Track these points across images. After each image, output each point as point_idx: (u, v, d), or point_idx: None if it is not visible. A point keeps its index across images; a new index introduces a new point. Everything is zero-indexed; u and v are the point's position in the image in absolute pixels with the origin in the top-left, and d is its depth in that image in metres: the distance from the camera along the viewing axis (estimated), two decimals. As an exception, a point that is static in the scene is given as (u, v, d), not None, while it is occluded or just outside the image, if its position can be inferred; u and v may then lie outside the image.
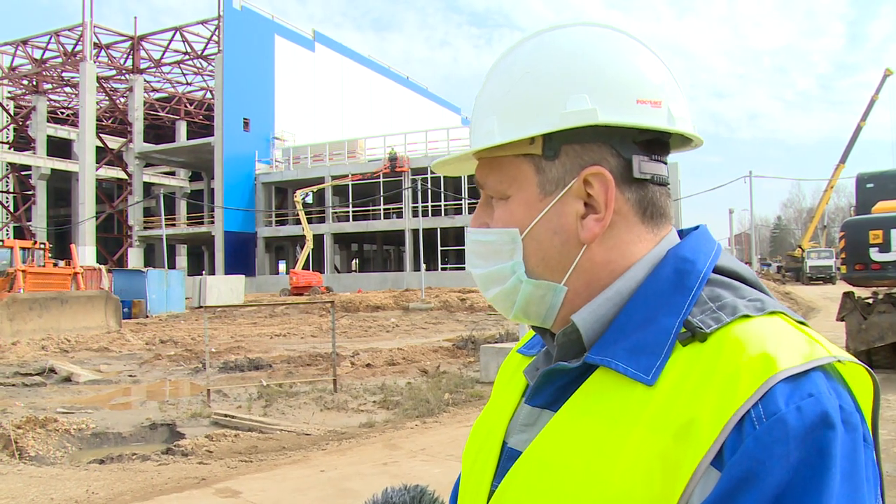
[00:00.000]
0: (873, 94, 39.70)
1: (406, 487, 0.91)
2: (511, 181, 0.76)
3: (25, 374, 11.70)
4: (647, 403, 0.64)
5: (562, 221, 0.74)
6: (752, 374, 0.60)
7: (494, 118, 0.75)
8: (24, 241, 24.76)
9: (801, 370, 0.60)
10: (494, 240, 0.77)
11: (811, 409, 0.57)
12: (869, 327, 10.03)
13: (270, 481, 5.66)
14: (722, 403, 0.60)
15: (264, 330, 19.84)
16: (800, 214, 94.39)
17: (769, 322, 0.66)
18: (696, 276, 0.71)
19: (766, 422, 0.57)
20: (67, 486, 5.50)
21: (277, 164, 45.94)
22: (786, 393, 0.58)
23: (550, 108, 0.72)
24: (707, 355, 0.64)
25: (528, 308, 0.78)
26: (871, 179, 11.82)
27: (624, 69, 0.73)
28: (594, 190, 0.73)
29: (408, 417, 8.17)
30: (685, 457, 0.60)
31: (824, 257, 43.97)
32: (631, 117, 0.72)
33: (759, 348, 0.62)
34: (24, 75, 47.37)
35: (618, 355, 0.68)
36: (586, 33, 0.75)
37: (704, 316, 0.67)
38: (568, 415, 0.70)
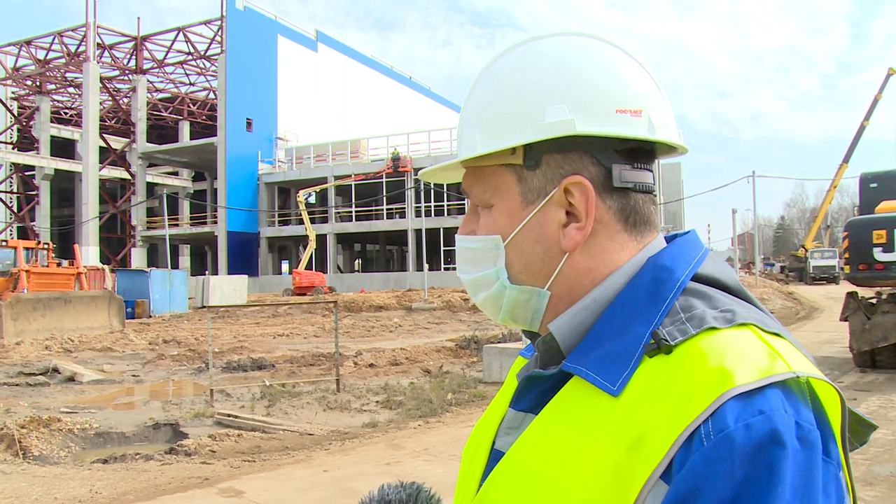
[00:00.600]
0: (877, 94, 39.61)
1: (402, 484, 0.92)
2: (494, 190, 0.78)
3: (29, 374, 11.73)
4: (609, 414, 0.64)
5: (543, 230, 0.75)
6: (706, 390, 0.60)
7: (477, 129, 0.77)
8: (28, 241, 24.81)
9: (755, 386, 0.59)
10: (479, 247, 0.79)
11: (760, 427, 0.57)
12: (872, 327, 10.02)
13: (273, 481, 5.67)
14: (674, 418, 0.60)
15: (267, 330, 19.86)
16: (803, 214, 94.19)
17: (735, 335, 0.65)
18: (672, 284, 0.71)
19: (713, 438, 0.57)
20: (71, 486, 5.52)
21: (280, 164, 45.97)
22: (736, 410, 0.58)
23: (530, 119, 0.73)
24: (669, 368, 0.64)
25: (514, 312, 0.79)
26: (874, 179, 11.79)
27: (603, 79, 0.74)
28: (575, 199, 0.74)
29: (411, 417, 8.17)
30: (636, 470, 0.60)
31: (828, 257, 43.88)
32: (609, 127, 0.72)
33: (717, 362, 0.61)
34: (27, 76, 47.46)
35: (590, 364, 0.69)
36: (567, 43, 0.76)
37: (673, 327, 0.67)
38: (544, 420, 0.71)
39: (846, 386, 9.34)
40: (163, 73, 49.04)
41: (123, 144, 47.54)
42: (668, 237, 0.80)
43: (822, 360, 11.71)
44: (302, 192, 40.07)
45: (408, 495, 0.89)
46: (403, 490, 0.90)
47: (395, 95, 59.82)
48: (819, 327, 17.75)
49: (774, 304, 25.13)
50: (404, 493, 0.89)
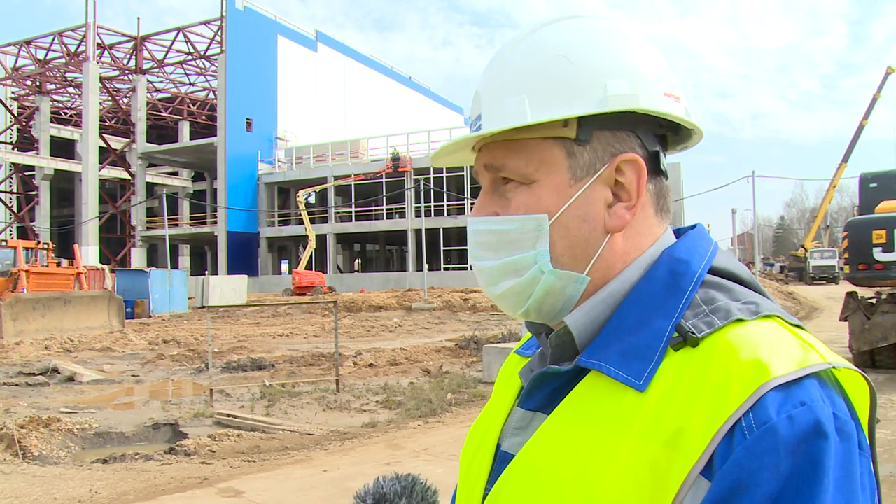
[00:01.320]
0: (875, 93, 39.64)
1: (398, 476, 0.90)
2: (539, 164, 0.73)
3: (29, 374, 11.72)
4: (637, 410, 0.63)
5: (591, 208, 0.72)
6: (744, 382, 0.59)
7: (524, 97, 0.72)
8: (28, 241, 24.81)
9: (793, 377, 0.58)
10: (514, 228, 0.74)
11: (803, 419, 0.56)
12: (872, 327, 10.02)
13: (273, 481, 5.67)
14: (712, 412, 0.58)
15: (267, 330, 19.86)
16: (803, 214, 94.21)
17: (763, 326, 0.64)
18: (691, 277, 0.70)
19: (756, 431, 0.56)
20: (70, 486, 5.52)
21: (280, 165, 45.97)
22: (777, 401, 0.57)
23: (588, 91, 0.71)
24: (698, 361, 0.62)
25: (544, 301, 0.74)
26: (874, 179, 11.79)
27: (651, 62, 0.74)
28: (625, 177, 0.72)
29: (410, 417, 8.17)
30: (675, 466, 0.59)
31: (827, 257, 43.93)
32: (665, 107, 0.72)
33: (751, 354, 0.60)
34: (27, 76, 47.46)
35: (610, 359, 0.67)
36: (610, 25, 0.76)
37: (697, 320, 0.66)
38: (559, 419, 0.69)
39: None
40: (162, 73, 49.05)
41: (123, 144, 47.54)
42: (675, 230, 0.79)
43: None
44: (302, 192, 40.07)
45: (402, 487, 0.88)
46: (398, 482, 0.89)
47: (395, 95, 59.82)
48: (819, 327, 17.74)
49: (774, 304, 25.09)
50: (399, 486, 0.88)
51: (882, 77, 39.44)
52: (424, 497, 0.89)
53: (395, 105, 59.03)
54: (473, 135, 0.76)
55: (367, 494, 0.88)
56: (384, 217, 43.32)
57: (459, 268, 41.32)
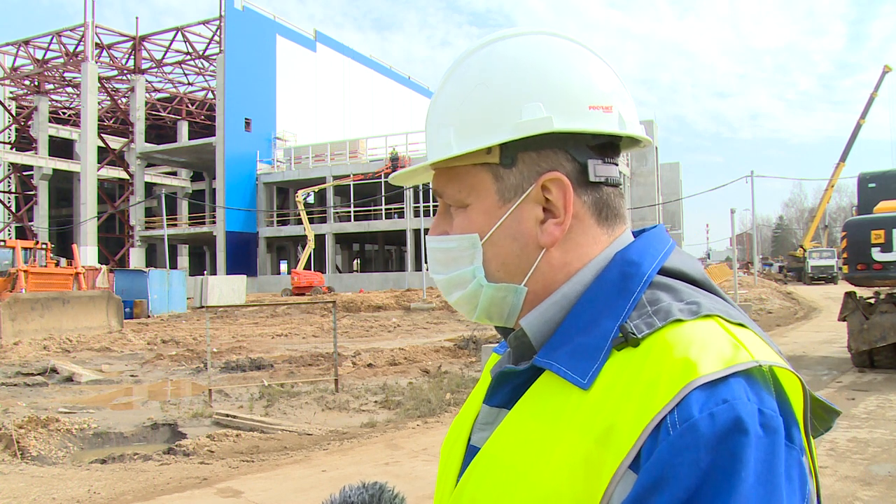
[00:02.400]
0: (872, 92, 39.69)
1: (364, 485, 0.91)
2: (469, 190, 0.78)
3: (27, 374, 11.72)
4: (579, 407, 0.66)
5: (521, 227, 0.76)
6: (671, 381, 0.61)
7: (451, 129, 0.76)
8: (26, 241, 24.79)
9: (719, 376, 0.60)
10: (454, 246, 0.79)
11: (724, 416, 0.58)
12: (871, 327, 10.03)
13: (272, 481, 5.67)
14: (641, 409, 0.61)
15: (266, 330, 19.85)
16: (801, 214, 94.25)
17: (700, 326, 0.66)
18: (640, 278, 0.73)
19: (679, 428, 0.59)
20: (69, 486, 5.51)
21: (279, 164, 45.95)
22: (701, 399, 0.59)
23: (506, 118, 0.74)
24: (636, 360, 0.65)
25: (490, 310, 0.80)
26: (872, 179, 11.81)
27: (575, 76, 0.75)
28: (552, 195, 0.75)
29: (409, 417, 8.17)
30: (606, 461, 0.61)
31: (826, 257, 43.98)
32: (585, 123, 0.74)
33: (682, 354, 0.63)
34: (25, 75, 47.41)
35: (560, 359, 0.70)
36: (536, 42, 0.77)
37: (640, 321, 0.68)
38: (516, 415, 0.72)
39: (845, 386, 9.35)
40: (161, 73, 49.00)
41: (122, 144, 47.50)
42: (635, 232, 0.82)
43: (820, 360, 11.72)
44: (300, 192, 40.05)
45: (370, 496, 0.89)
46: (366, 491, 0.90)
47: (394, 95, 59.81)
48: (817, 327, 17.76)
49: (773, 303, 25.15)
50: (367, 494, 0.89)
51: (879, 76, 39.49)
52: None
53: (394, 105, 59.02)
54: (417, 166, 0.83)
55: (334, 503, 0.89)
56: (383, 217, 43.31)
57: (458, 268, 41.26)
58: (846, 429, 6.95)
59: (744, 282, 34.92)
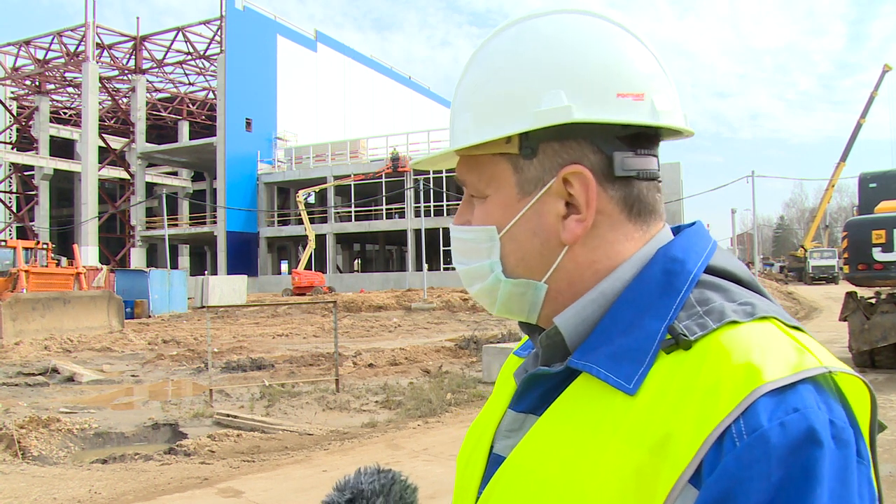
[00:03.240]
0: (872, 91, 39.68)
1: (379, 471, 0.88)
2: (489, 180, 0.74)
3: (28, 374, 11.72)
4: (626, 413, 0.61)
5: (542, 222, 0.71)
6: (735, 387, 0.56)
7: (469, 115, 0.73)
8: (27, 241, 24.80)
9: (787, 382, 0.56)
10: (473, 238, 0.76)
11: (796, 425, 0.54)
12: (872, 327, 10.02)
13: (273, 481, 5.67)
14: (701, 417, 0.56)
15: (266, 330, 19.85)
16: (802, 214, 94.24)
17: (758, 328, 0.62)
18: (686, 276, 0.67)
19: (746, 438, 0.54)
20: (70, 486, 5.52)
21: (280, 165, 45.97)
22: (769, 407, 0.55)
23: (525, 106, 0.69)
24: (689, 364, 0.60)
25: (509, 305, 0.76)
26: (873, 179, 11.81)
27: (604, 60, 0.69)
28: (574, 189, 0.70)
29: (410, 417, 8.17)
30: (662, 473, 0.57)
31: (827, 257, 43.99)
32: (609, 114, 0.68)
33: (744, 358, 0.58)
34: (26, 76, 47.44)
35: (600, 361, 0.65)
36: (564, 22, 0.71)
37: (690, 321, 0.63)
38: (549, 421, 0.67)
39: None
40: (162, 73, 49.04)
41: (123, 144, 47.53)
42: (673, 228, 0.76)
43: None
44: (301, 192, 40.06)
45: (381, 486, 0.86)
46: (378, 480, 0.86)
47: (395, 95, 59.82)
48: (818, 327, 17.75)
49: (774, 304, 25.10)
50: (378, 484, 0.86)
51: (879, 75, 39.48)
52: (403, 497, 0.86)
53: (394, 105, 59.03)
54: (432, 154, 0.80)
55: (346, 487, 0.86)
56: (384, 217, 43.32)
57: (459, 268, 41.29)
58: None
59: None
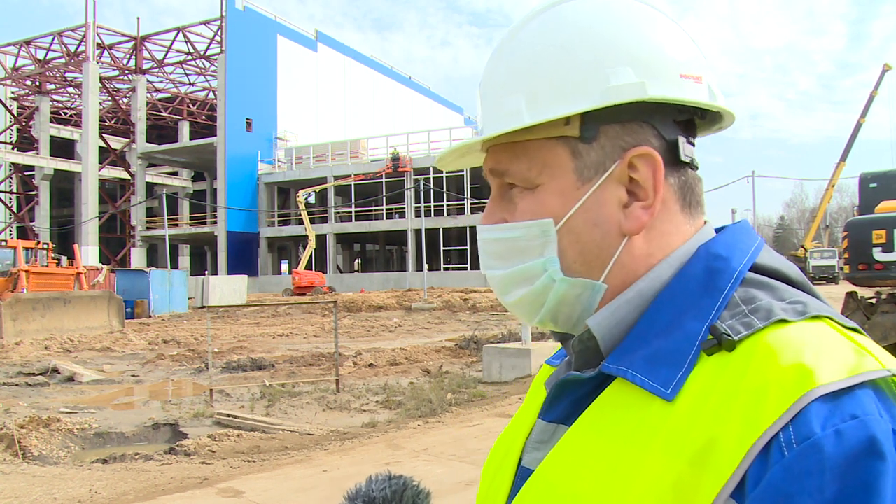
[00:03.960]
0: (872, 90, 39.63)
1: (390, 477, 0.86)
2: (542, 167, 0.68)
3: (29, 374, 11.72)
4: (664, 421, 0.56)
5: (602, 211, 0.66)
6: (784, 390, 0.51)
7: (521, 96, 0.67)
8: (28, 241, 24.81)
9: (844, 386, 0.51)
10: (521, 235, 0.69)
11: (854, 434, 0.48)
12: (872, 327, 10.01)
13: (273, 481, 5.67)
14: (746, 424, 0.51)
15: (267, 330, 19.85)
16: (803, 214, 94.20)
17: (811, 328, 0.57)
18: (730, 274, 0.63)
19: (796, 448, 0.49)
20: (70, 486, 5.51)
21: (280, 165, 45.98)
22: (823, 413, 0.49)
23: (589, 84, 0.64)
24: (733, 367, 0.55)
25: (558, 310, 0.69)
26: (874, 179, 11.80)
27: (662, 41, 0.67)
28: (640, 174, 0.66)
29: (410, 417, 8.17)
30: (702, 486, 0.52)
31: (827, 257, 43.97)
32: (679, 92, 0.65)
33: (795, 359, 0.53)
34: (27, 76, 47.46)
35: (636, 365, 0.61)
36: (615, 3, 0.68)
37: (734, 321, 0.58)
38: (580, 432, 0.62)
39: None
40: (162, 73, 49.06)
41: (123, 144, 47.55)
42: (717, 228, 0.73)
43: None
44: (301, 192, 40.07)
45: (393, 492, 0.84)
46: (389, 487, 0.84)
47: (395, 95, 59.83)
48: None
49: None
50: (389, 491, 0.84)
51: (879, 74, 39.44)
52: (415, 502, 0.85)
53: (395, 105, 59.04)
54: (470, 141, 0.72)
55: (358, 496, 0.85)
56: (384, 217, 43.34)
57: (459, 268, 41.35)
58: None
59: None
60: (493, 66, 0.72)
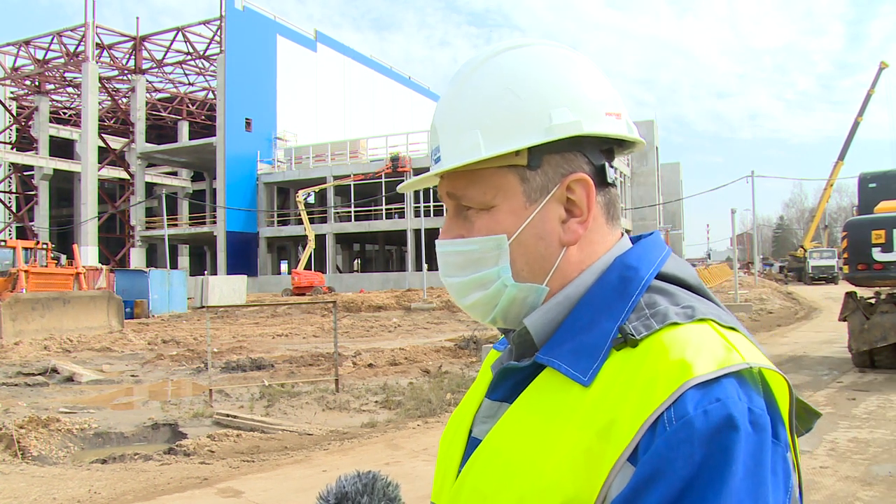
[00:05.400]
0: (869, 89, 39.69)
1: (359, 474, 0.94)
2: (496, 191, 0.80)
3: (28, 374, 11.72)
4: (580, 402, 0.70)
5: (546, 226, 0.79)
6: (668, 380, 0.65)
7: (478, 132, 0.78)
8: (27, 241, 24.79)
9: (713, 376, 0.65)
10: (478, 248, 0.81)
11: (717, 413, 0.62)
12: (871, 327, 10.02)
13: (272, 481, 5.67)
14: (640, 406, 0.65)
15: (266, 330, 19.86)
16: (802, 214, 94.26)
17: (695, 329, 0.70)
18: (638, 282, 0.77)
19: (675, 424, 0.63)
20: (70, 486, 5.51)
21: (279, 165, 45.97)
22: (696, 398, 0.64)
23: (536, 122, 0.77)
24: (635, 360, 0.69)
25: (508, 310, 0.82)
26: (873, 179, 11.81)
27: (592, 85, 0.81)
28: (576, 195, 0.79)
29: (410, 417, 8.17)
30: (606, 453, 0.65)
31: (826, 257, 43.99)
32: (605, 128, 0.79)
33: (678, 355, 0.67)
34: (26, 76, 47.43)
35: (562, 356, 0.74)
36: (551, 52, 0.81)
37: (638, 322, 0.72)
38: (518, 409, 0.76)
39: (845, 386, 9.35)
40: (162, 73, 49.03)
41: (122, 144, 47.52)
42: (633, 238, 0.86)
43: (820, 360, 11.71)
44: (301, 192, 40.07)
45: (364, 485, 0.91)
46: (360, 480, 0.92)
47: (395, 95, 59.82)
48: (818, 327, 17.76)
49: (773, 304, 25.14)
50: (360, 484, 0.92)
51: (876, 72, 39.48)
52: (386, 493, 0.93)
53: (394, 105, 59.03)
54: (435, 172, 0.84)
55: (330, 494, 0.92)
56: (383, 217, 43.34)
57: (459, 268, 41.28)
58: (847, 429, 6.94)
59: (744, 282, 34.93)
60: (449, 105, 0.83)
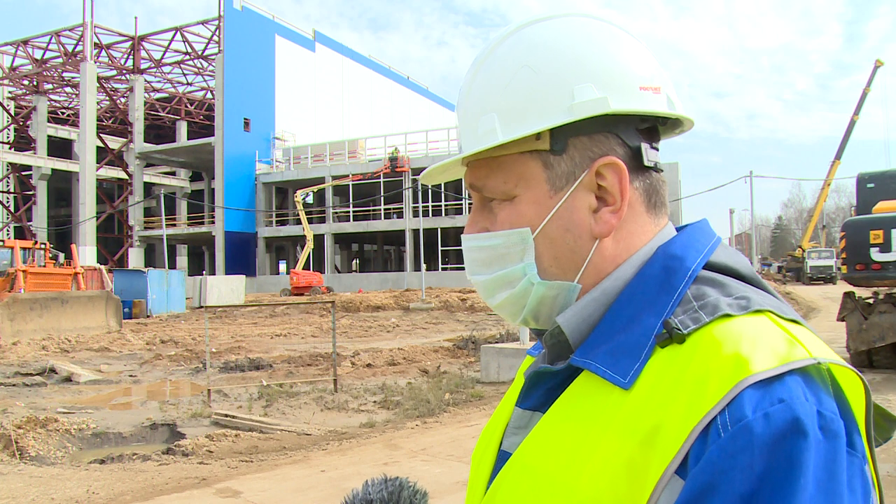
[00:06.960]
0: (865, 87, 39.70)
1: (386, 480, 0.89)
2: (517, 180, 0.73)
3: (26, 374, 11.71)
4: (620, 408, 0.62)
5: (574, 217, 0.72)
6: (721, 378, 0.57)
7: (494, 115, 0.72)
8: (25, 241, 24.75)
9: (775, 374, 0.57)
10: (501, 243, 0.74)
11: (780, 416, 0.54)
12: (870, 327, 10.03)
13: (271, 481, 5.67)
14: (689, 409, 0.57)
15: (265, 330, 19.84)
16: (800, 214, 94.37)
17: (751, 321, 0.62)
18: (684, 273, 0.69)
19: (730, 429, 0.55)
20: (68, 486, 5.51)
21: (278, 164, 45.94)
22: (755, 399, 0.56)
23: (556, 101, 0.70)
24: (682, 358, 0.61)
25: (538, 310, 0.75)
26: (871, 179, 11.82)
27: (622, 57, 0.72)
28: (607, 181, 0.71)
29: (408, 417, 8.17)
30: (651, 464, 0.58)
31: (825, 257, 44.02)
32: (639, 104, 0.71)
33: (733, 350, 0.59)
34: (24, 75, 47.37)
35: (599, 358, 0.67)
36: (576, 24, 0.73)
37: (685, 316, 0.64)
38: (552, 418, 0.69)
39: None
40: (160, 73, 48.98)
41: (121, 144, 47.47)
42: (678, 227, 0.78)
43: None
44: (299, 192, 40.06)
45: (389, 493, 0.87)
46: (385, 488, 0.88)
47: (393, 95, 59.81)
48: (816, 327, 17.42)
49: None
50: (386, 492, 0.87)
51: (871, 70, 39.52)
52: (412, 502, 0.88)
53: (392, 105, 59.02)
54: (451, 160, 0.78)
55: (356, 499, 0.88)
56: (382, 217, 43.32)
57: (457, 268, 41.33)
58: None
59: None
60: (467, 87, 0.77)
